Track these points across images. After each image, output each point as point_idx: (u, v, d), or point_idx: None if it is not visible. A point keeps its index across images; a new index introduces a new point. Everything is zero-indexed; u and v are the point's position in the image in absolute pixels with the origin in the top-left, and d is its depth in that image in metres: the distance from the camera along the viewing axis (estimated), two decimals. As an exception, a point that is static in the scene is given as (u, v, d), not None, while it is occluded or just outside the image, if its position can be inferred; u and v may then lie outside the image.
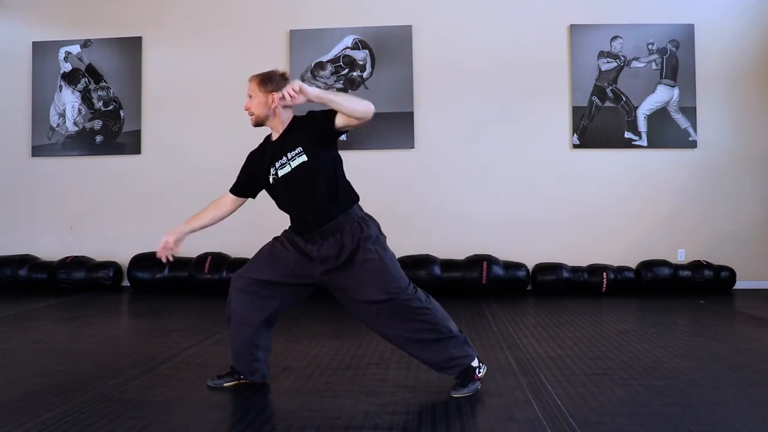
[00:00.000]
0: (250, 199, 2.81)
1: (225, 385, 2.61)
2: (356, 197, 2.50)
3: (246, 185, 2.66)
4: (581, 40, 5.74)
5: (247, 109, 2.51)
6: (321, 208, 2.40)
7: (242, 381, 2.63)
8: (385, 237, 2.50)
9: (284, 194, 2.50)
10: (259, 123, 2.53)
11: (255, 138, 2.79)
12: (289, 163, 2.41)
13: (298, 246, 2.47)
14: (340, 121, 2.31)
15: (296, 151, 2.40)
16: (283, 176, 2.44)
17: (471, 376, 2.48)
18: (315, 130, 2.39)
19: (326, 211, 2.40)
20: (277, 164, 2.45)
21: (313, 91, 2.23)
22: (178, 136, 6.03)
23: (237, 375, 2.63)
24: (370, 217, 2.49)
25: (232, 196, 2.71)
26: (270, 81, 2.43)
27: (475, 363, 2.49)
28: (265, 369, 2.62)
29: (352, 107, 2.27)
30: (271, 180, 2.50)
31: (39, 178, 6.15)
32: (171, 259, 2.65)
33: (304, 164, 2.39)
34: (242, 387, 2.61)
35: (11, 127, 6.18)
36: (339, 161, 2.48)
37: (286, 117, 2.49)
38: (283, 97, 2.24)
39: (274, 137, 2.53)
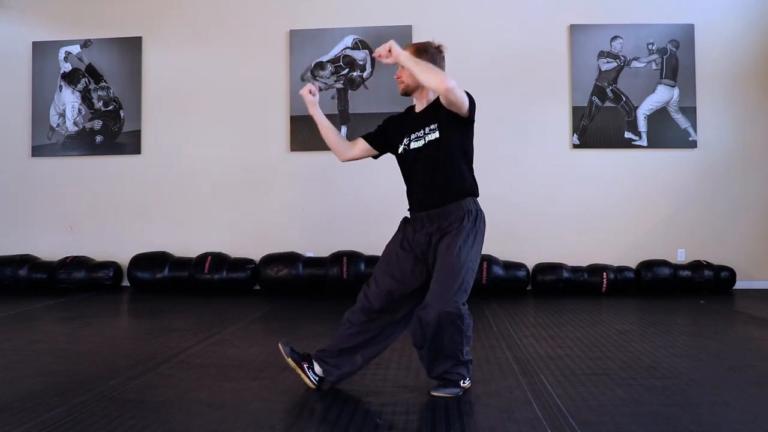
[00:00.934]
0: (250, 199, 2.80)
1: (288, 358, 2.53)
2: (475, 191, 2.51)
3: (378, 137, 2.67)
4: (581, 40, 5.74)
5: (397, 78, 2.53)
6: (437, 189, 2.42)
7: (302, 372, 2.53)
8: (481, 239, 2.47)
9: (411, 165, 2.52)
10: (407, 92, 2.55)
11: (255, 137, 2.79)
12: (424, 137, 2.44)
13: (407, 240, 2.47)
14: (443, 102, 2.36)
15: (432, 127, 2.43)
16: (414, 149, 2.48)
17: (455, 384, 2.49)
18: (451, 111, 2.40)
19: (441, 192, 2.42)
20: (413, 136, 2.49)
21: (404, 55, 2.31)
22: (178, 136, 6.03)
23: (304, 364, 2.54)
24: (478, 213, 2.47)
25: (362, 142, 2.70)
26: (425, 51, 2.44)
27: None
28: (347, 373, 2.55)
29: (426, 78, 2.31)
30: (401, 149, 2.53)
31: (39, 178, 6.15)
32: (314, 93, 2.63)
33: (435, 141, 2.42)
34: (242, 387, 2.61)
35: (11, 127, 6.18)
36: (469, 149, 2.49)
37: (433, 93, 2.50)
38: (380, 56, 2.30)
39: (418, 109, 2.56)
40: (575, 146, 5.75)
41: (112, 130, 6.09)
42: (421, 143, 2.46)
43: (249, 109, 5.95)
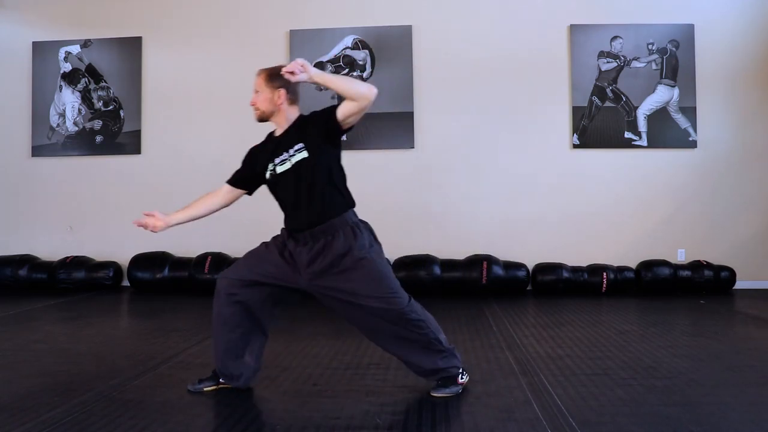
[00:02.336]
0: (250, 199, 2.79)
1: (205, 389, 2.56)
2: (352, 203, 2.47)
3: (244, 177, 2.63)
4: (581, 40, 5.74)
5: (253, 104, 2.50)
6: (315, 208, 2.38)
7: (222, 385, 2.58)
8: (379, 245, 2.47)
9: (282, 190, 2.48)
10: (263, 118, 2.51)
11: (255, 138, 2.79)
12: (290, 159, 2.39)
13: (288, 250, 2.44)
14: (341, 112, 2.30)
15: (297, 147, 2.38)
16: (281, 172, 2.43)
17: (453, 381, 2.50)
18: (318, 125, 2.37)
19: (320, 211, 2.37)
20: (277, 160, 2.44)
21: (316, 71, 2.23)
22: (178, 136, 6.04)
23: (219, 379, 2.58)
24: (365, 224, 2.46)
25: (227, 187, 2.66)
26: (277, 77, 2.40)
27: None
28: (249, 374, 2.56)
29: (353, 88, 2.25)
30: (268, 175, 2.49)
31: (39, 178, 6.15)
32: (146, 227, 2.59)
33: (304, 160, 2.37)
34: (242, 387, 2.61)
35: (11, 127, 6.18)
36: (338, 163, 2.46)
37: (292, 114, 2.48)
38: (291, 72, 2.21)
39: (278, 133, 2.52)
40: (575, 146, 5.75)
41: (112, 130, 6.10)
42: (287, 165, 2.39)
43: (249, 109, 5.89)
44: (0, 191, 6.20)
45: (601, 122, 5.73)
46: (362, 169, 5.84)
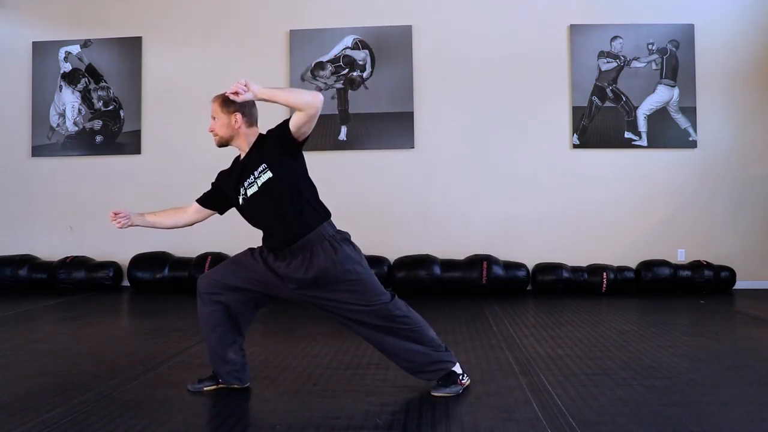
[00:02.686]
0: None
1: (205, 389, 2.57)
2: (326, 214, 2.46)
3: (213, 198, 2.65)
4: (581, 40, 5.74)
5: (211, 131, 2.51)
6: (289, 226, 2.37)
7: (221, 385, 2.59)
8: (359, 251, 2.47)
9: (254, 213, 2.48)
10: (223, 144, 2.52)
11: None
12: (256, 182, 2.39)
13: (268, 262, 2.45)
14: (293, 124, 2.30)
15: (261, 168, 2.38)
16: (251, 195, 2.42)
17: (454, 380, 2.50)
18: (275, 141, 2.37)
19: (294, 229, 2.36)
20: (246, 183, 2.43)
21: (259, 88, 2.22)
22: (178, 136, 6.03)
23: (218, 379, 2.59)
24: (341, 234, 2.45)
25: (196, 206, 2.67)
26: (232, 102, 2.37)
27: (457, 369, 2.52)
28: (242, 373, 2.57)
29: (297, 98, 2.25)
30: (240, 200, 2.49)
31: (39, 178, 6.15)
32: (116, 222, 2.55)
33: (270, 180, 2.36)
34: (242, 387, 2.61)
35: (11, 127, 6.18)
36: (305, 176, 2.46)
37: (252, 136, 2.48)
38: (235, 93, 2.21)
39: (242, 157, 2.52)
40: (575, 146, 5.75)
41: (112, 130, 6.10)
42: (255, 188, 2.39)
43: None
44: (0, 191, 6.20)
45: (601, 122, 5.73)
46: (362, 169, 5.85)
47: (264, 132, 2.49)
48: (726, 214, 5.70)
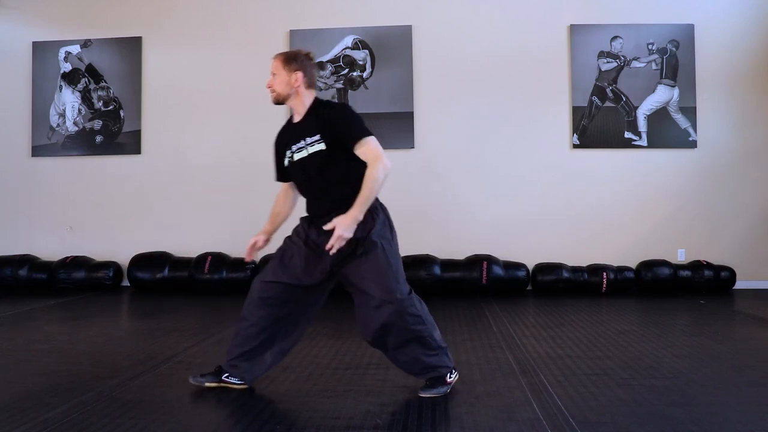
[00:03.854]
0: (249, 199, 2.78)
1: (206, 384, 2.56)
2: None
3: (282, 169, 2.64)
4: (581, 40, 5.74)
5: (269, 87, 2.51)
6: (331, 197, 2.39)
7: (225, 383, 2.57)
8: (394, 232, 2.47)
9: (299, 177, 2.50)
10: (279, 101, 2.51)
11: (255, 138, 2.79)
12: (306, 148, 2.40)
13: (310, 239, 2.45)
14: (358, 151, 2.36)
15: (316, 138, 2.39)
16: (298, 160, 2.44)
17: (441, 381, 2.49)
18: (336, 131, 2.38)
19: (338, 197, 2.38)
20: (294, 147, 2.45)
21: (351, 219, 2.29)
22: (178, 136, 6.04)
23: (222, 376, 2.57)
24: (383, 209, 2.46)
25: (284, 185, 2.69)
26: (294, 60, 2.41)
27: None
28: (260, 372, 2.57)
29: (378, 187, 2.33)
30: (286, 162, 2.51)
31: (39, 178, 6.15)
32: (256, 261, 2.62)
33: (321, 152, 2.38)
34: (244, 388, 2.61)
35: (11, 127, 6.18)
36: (356, 156, 2.45)
37: (309, 98, 2.49)
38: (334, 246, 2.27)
39: (296, 119, 2.52)
40: (575, 146, 5.75)
41: (112, 130, 6.10)
42: (304, 153, 2.41)
43: (249, 109, 5.94)
44: (0, 191, 6.20)
45: (601, 122, 5.73)
46: (362, 169, 5.84)
47: (321, 99, 2.50)
48: (726, 214, 5.70)
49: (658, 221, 5.72)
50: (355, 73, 5.81)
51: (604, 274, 5.32)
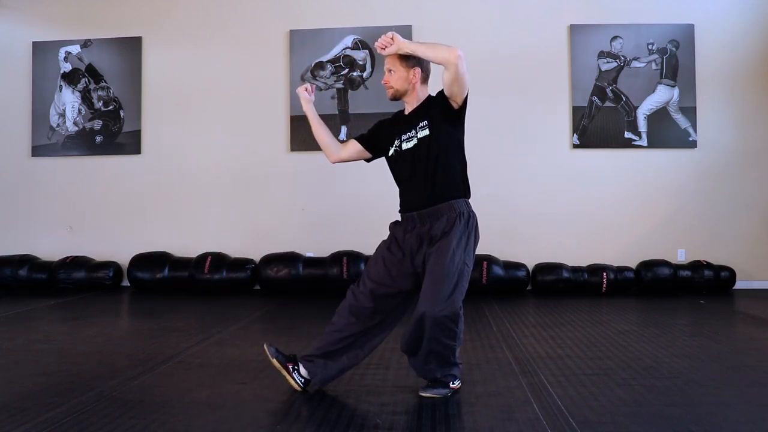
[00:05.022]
0: (249, 200, 2.78)
1: (273, 360, 2.51)
2: (467, 192, 2.49)
3: (371, 140, 2.66)
4: (581, 40, 5.74)
5: (385, 83, 2.53)
6: (428, 187, 2.40)
7: (288, 374, 2.50)
8: (474, 241, 2.44)
9: (401, 166, 2.50)
10: (396, 97, 2.54)
11: (255, 138, 2.79)
12: (415, 137, 2.43)
13: (397, 242, 2.46)
14: (444, 84, 2.34)
15: (422, 124, 2.42)
16: (406, 149, 2.46)
17: (444, 384, 2.49)
18: (438, 106, 2.41)
19: (432, 191, 2.39)
20: (404, 137, 2.47)
21: (404, 42, 2.32)
22: (178, 136, 6.04)
23: (290, 365, 2.52)
24: (470, 216, 2.44)
25: (354, 142, 2.69)
26: (412, 56, 2.42)
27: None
28: (333, 375, 2.53)
29: (433, 53, 2.30)
30: (392, 151, 2.52)
31: (39, 178, 6.15)
32: (311, 92, 2.69)
33: (426, 137, 2.40)
34: (242, 387, 2.61)
35: (11, 127, 6.18)
36: (459, 146, 2.47)
37: (423, 94, 2.52)
38: (383, 47, 2.31)
39: (407, 111, 2.55)
40: (575, 146, 5.75)
41: (112, 130, 6.10)
42: (413, 143, 2.44)
43: (249, 109, 5.95)
44: (0, 191, 6.20)
45: (601, 122, 5.73)
46: (362, 169, 5.83)
47: (433, 94, 2.51)
48: (726, 214, 5.70)
49: (658, 221, 5.71)
50: (355, 73, 5.80)
51: (604, 274, 5.32)
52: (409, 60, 2.44)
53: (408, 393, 2.51)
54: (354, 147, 2.69)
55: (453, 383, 2.51)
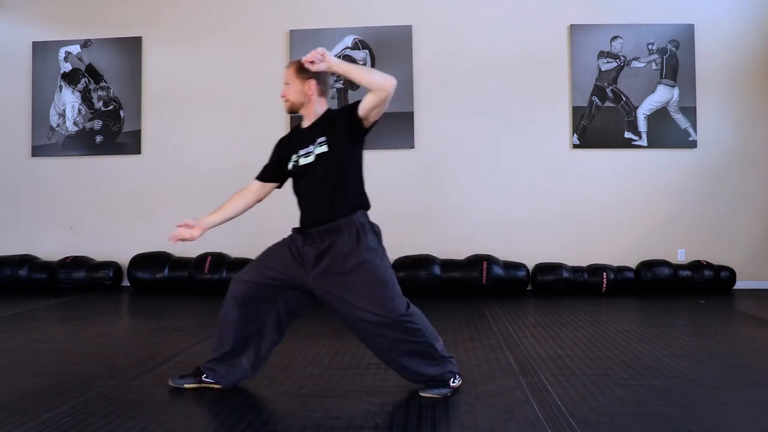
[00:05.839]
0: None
1: (186, 386, 2.55)
2: (366, 204, 2.48)
3: (272, 170, 2.62)
4: (581, 40, 5.74)
5: (283, 96, 2.51)
6: (326, 204, 2.38)
7: (205, 384, 2.55)
8: (383, 247, 2.45)
9: (300, 184, 2.50)
10: (293, 110, 2.53)
11: (255, 138, 2.79)
12: (312, 153, 2.42)
13: (296, 246, 2.45)
14: (363, 106, 2.32)
15: (320, 140, 2.40)
16: (303, 165, 2.44)
17: (444, 383, 2.49)
18: (342, 120, 2.40)
19: (330, 207, 2.38)
20: (302, 152, 2.45)
21: (335, 60, 2.27)
22: (178, 136, 6.04)
23: (201, 377, 2.56)
24: (373, 226, 2.45)
25: (257, 183, 2.66)
26: (307, 69, 2.41)
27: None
28: (237, 376, 2.54)
29: (369, 78, 2.27)
30: (290, 166, 2.51)
31: (39, 178, 6.15)
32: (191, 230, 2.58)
33: (325, 154, 2.39)
34: (242, 387, 2.61)
35: (11, 127, 6.18)
36: (358, 162, 2.47)
37: (321, 107, 2.50)
38: (311, 62, 2.25)
39: (305, 125, 2.53)
40: (575, 146, 5.75)
41: (112, 130, 6.10)
42: (310, 158, 2.41)
43: (249, 109, 5.95)
44: (0, 191, 6.20)
45: (601, 122, 5.73)
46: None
47: (332, 108, 2.52)
48: (726, 214, 5.70)
49: (658, 221, 5.71)
50: (355, 73, 5.80)
51: (604, 274, 5.32)
52: (305, 72, 2.43)
53: (408, 393, 2.51)
54: (260, 187, 2.65)
55: (453, 381, 2.50)
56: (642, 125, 5.70)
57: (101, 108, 6.11)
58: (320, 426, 2.15)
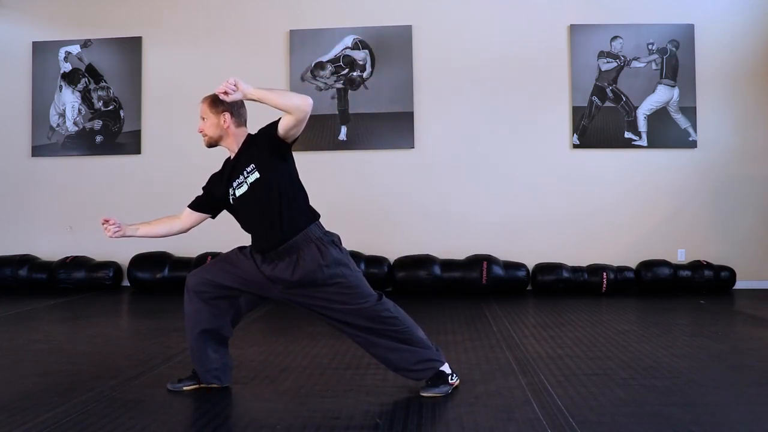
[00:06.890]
0: None
1: (184, 388, 2.56)
2: (314, 215, 2.47)
3: (203, 202, 2.65)
4: (581, 40, 5.74)
5: (200, 131, 2.51)
6: (276, 227, 2.37)
7: (202, 385, 2.57)
8: (346, 253, 2.46)
9: (243, 214, 2.50)
10: (212, 144, 2.54)
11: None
12: (245, 182, 2.40)
13: (256, 262, 2.45)
14: (281, 126, 2.30)
15: (249, 168, 2.39)
16: (240, 196, 2.44)
17: (443, 380, 2.49)
18: (264, 142, 2.37)
19: (282, 230, 2.36)
20: (235, 184, 2.45)
21: (249, 88, 2.22)
22: (178, 136, 6.03)
23: (198, 378, 2.57)
24: (329, 236, 2.45)
25: (188, 211, 2.67)
26: (221, 102, 2.39)
27: (446, 369, 2.52)
28: (222, 373, 2.55)
29: (286, 101, 2.24)
30: (231, 200, 2.50)
31: (39, 178, 6.15)
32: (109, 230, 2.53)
33: (257, 181, 2.38)
34: (242, 387, 2.61)
35: (11, 127, 6.18)
36: (292, 178, 2.46)
37: (241, 136, 2.49)
38: (224, 93, 2.20)
39: (232, 157, 2.52)
40: (575, 146, 5.75)
41: (112, 130, 6.10)
42: (244, 188, 2.40)
43: (249, 109, 5.93)
44: (0, 191, 6.20)
45: (601, 122, 5.73)
46: (362, 169, 5.85)
47: (253, 132, 2.48)
48: (726, 214, 5.70)
49: (658, 221, 5.71)
50: (355, 73, 5.80)
51: (604, 274, 5.32)
52: (218, 105, 2.42)
53: (408, 393, 2.52)
54: (189, 215, 2.66)
55: (451, 379, 2.51)
56: (642, 125, 5.70)
57: (101, 108, 6.11)
58: (320, 426, 2.15)
